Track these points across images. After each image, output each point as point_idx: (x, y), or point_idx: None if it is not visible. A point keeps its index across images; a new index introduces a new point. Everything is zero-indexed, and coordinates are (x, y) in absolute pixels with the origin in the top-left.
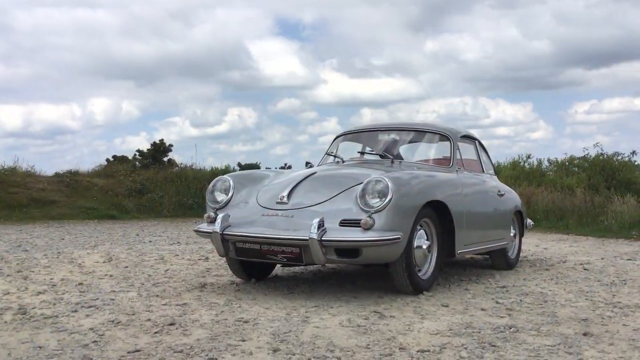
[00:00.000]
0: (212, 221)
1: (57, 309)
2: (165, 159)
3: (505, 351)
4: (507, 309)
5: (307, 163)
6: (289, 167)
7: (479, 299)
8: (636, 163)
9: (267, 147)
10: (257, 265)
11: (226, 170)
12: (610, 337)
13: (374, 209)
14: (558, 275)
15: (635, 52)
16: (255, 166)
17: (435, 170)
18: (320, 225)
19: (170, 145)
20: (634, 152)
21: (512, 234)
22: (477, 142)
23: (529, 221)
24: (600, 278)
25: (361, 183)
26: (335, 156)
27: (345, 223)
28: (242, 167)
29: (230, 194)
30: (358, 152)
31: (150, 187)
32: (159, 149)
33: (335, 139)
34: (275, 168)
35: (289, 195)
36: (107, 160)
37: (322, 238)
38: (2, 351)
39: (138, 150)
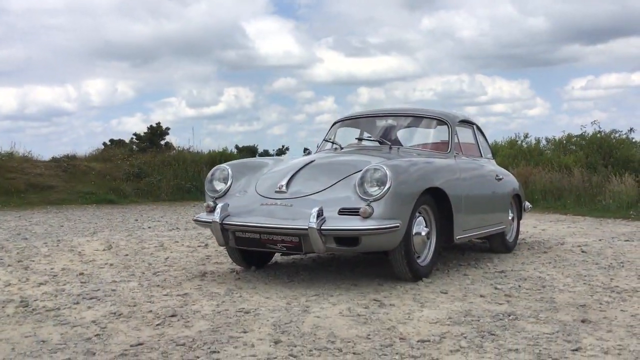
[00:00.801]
0: (212, 210)
1: (59, 300)
2: (163, 142)
3: (505, 340)
4: (505, 295)
5: (305, 149)
6: (287, 149)
7: (478, 284)
8: (634, 140)
9: (264, 127)
10: (256, 253)
11: (224, 153)
12: (609, 323)
13: (372, 197)
14: (556, 258)
15: (632, 28)
16: (253, 148)
17: (434, 156)
18: (319, 214)
19: (167, 129)
20: (631, 130)
21: (510, 218)
22: (475, 126)
23: (527, 204)
24: (598, 261)
25: (360, 171)
26: (333, 142)
27: (344, 212)
28: (240, 149)
29: (229, 183)
30: (356, 139)
31: (148, 171)
32: (156, 132)
33: (333, 125)
34: (273, 150)
35: (288, 184)
36: (104, 144)
37: (322, 227)
38: (6, 346)
39: (135, 134)
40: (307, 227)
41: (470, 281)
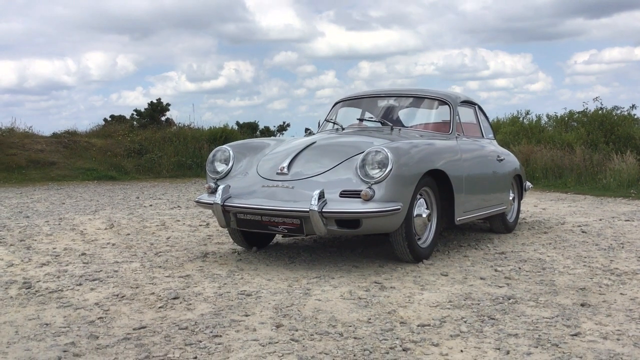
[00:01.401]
0: (213, 192)
1: (62, 282)
2: (163, 118)
3: (504, 324)
4: (505, 277)
5: (306, 129)
6: (288, 126)
7: (478, 266)
8: (636, 117)
9: (264, 102)
10: (257, 234)
11: (225, 130)
12: (608, 307)
13: (374, 179)
14: (556, 239)
15: (636, 1)
16: (254, 125)
17: (435, 137)
18: (321, 196)
19: (168, 105)
20: (633, 106)
21: (511, 198)
22: (476, 106)
23: (528, 184)
24: (598, 242)
25: (361, 152)
26: (334, 123)
27: (345, 194)
28: (241, 125)
29: (230, 164)
30: (357, 119)
31: (148, 147)
32: (157, 109)
33: (335, 105)
34: (274, 127)
35: (289, 165)
36: (105, 120)
37: (323, 210)
38: (10, 329)
39: (135, 110)
40: (308, 210)
41: (471, 263)
